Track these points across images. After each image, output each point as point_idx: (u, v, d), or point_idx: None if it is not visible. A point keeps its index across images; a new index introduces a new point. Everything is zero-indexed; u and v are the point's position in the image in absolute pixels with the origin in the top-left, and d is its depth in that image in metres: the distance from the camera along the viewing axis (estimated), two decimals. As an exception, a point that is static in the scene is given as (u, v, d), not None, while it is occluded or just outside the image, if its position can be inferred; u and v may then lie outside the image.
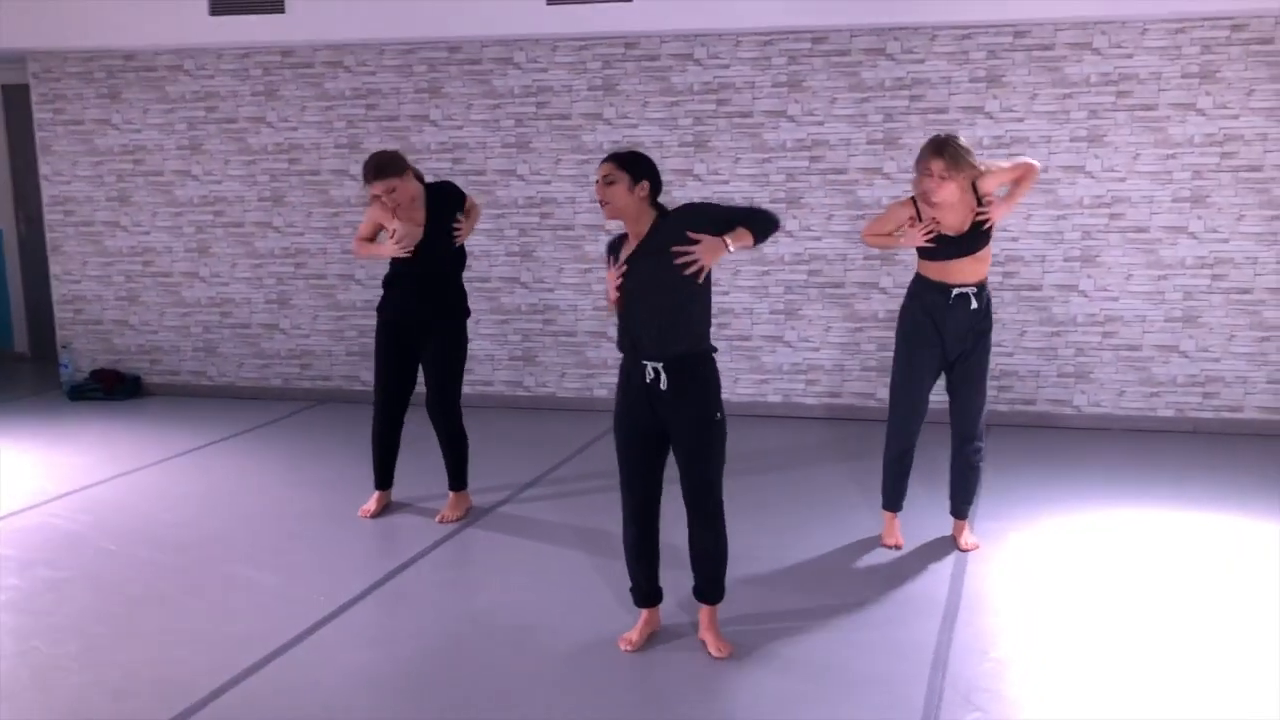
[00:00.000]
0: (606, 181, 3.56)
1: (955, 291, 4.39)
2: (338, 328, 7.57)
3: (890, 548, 4.64)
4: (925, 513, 4.91)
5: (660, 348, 3.54)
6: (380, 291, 5.08)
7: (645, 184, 3.56)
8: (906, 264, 6.45)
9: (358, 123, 7.27)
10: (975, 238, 4.38)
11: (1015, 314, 6.50)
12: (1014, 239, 6.44)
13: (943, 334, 4.42)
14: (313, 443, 6.55)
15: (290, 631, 3.93)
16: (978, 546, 4.61)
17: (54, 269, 7.99)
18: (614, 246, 3.69)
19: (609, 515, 5.09)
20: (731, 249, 3.49)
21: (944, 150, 4.26)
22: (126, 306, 7.91)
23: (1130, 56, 6.15)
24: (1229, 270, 6.22)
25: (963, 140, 4.36)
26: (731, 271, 6.83)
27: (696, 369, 3.57)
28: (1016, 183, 4.50)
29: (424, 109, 7.16)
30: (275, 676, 3.62)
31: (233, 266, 7.68)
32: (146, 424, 7.07)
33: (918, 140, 6.40)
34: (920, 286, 4.47)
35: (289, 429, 6.91)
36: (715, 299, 6.71)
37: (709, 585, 3.73)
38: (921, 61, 6.40)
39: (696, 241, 3.46)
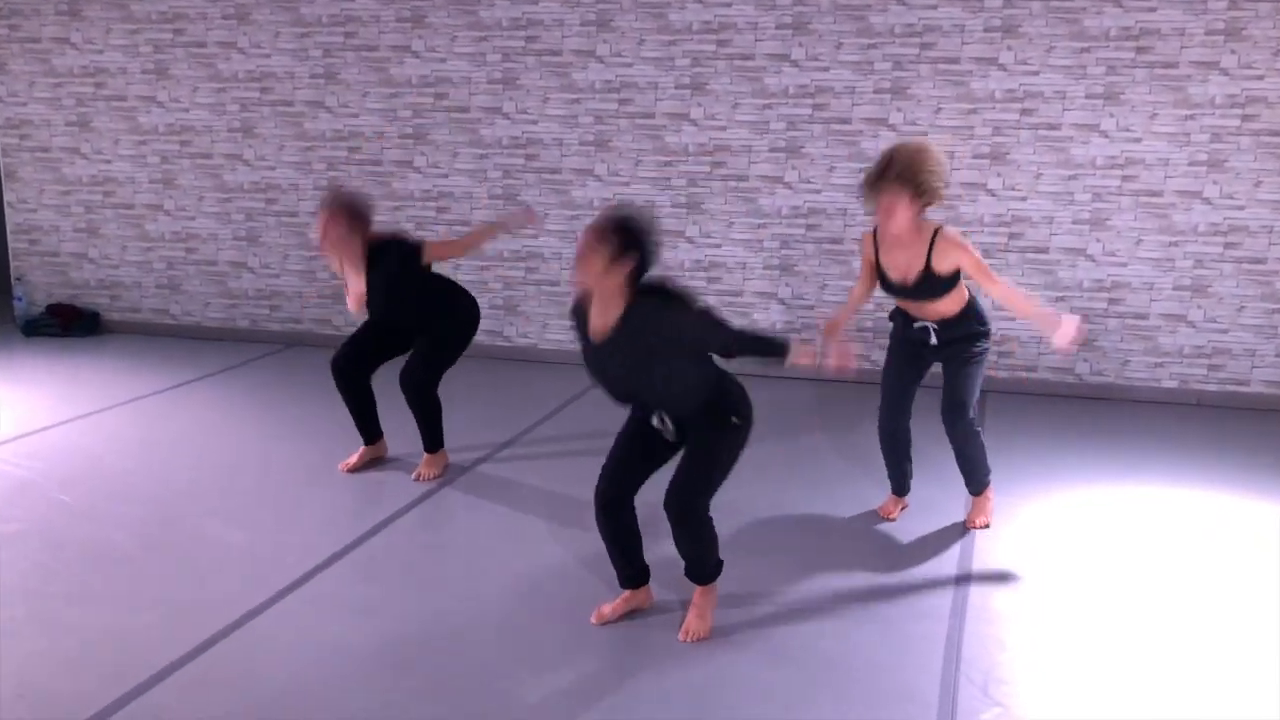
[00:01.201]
0: (588, 248, 3.11)
1: (916, 324, 4.12)
2: (309, 268, 7.21)
3: (883, 517, 4.43)
4: (942, 489, 4.69)
5: (663, 408, 3.34)
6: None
7: (630, 261, 3.12)
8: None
9: (335, 51, 6.86)
10: (920, 288, 3.96)
11: (1020, 277, 6.25)
12: (1022, 198, 6.18)
13: (917, 346, 4.18)
14: (283, 389, 6.23)
15: (258, 596, 3.65)
16: (984, 525, 4.37)
17: (8, 196, 7.56)
18: (578, 312, 3.33)
19: (591, 478, 4.87)
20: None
21: (890, 165, 3.72)
22: (86, 239, 7.51)
23: (1154, 10, 5.86)
24: (1243, 239, 6.00)
25: (931, 150, 3.80)
26: (725, 223, 6.54)
27: (703, 416, 3.32)
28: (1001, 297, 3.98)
29: (405, 39, 6.75)
30: (241, 646, 3.34)
31: (199, 200, 7.28)
32: (105, 364, 6.72)
33: (927, 92, 6.14)
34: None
35: (257, 373, 6.58)
36: (707, 252, 6.42)
37: (691, 569, 3.49)
38: (934, 8, 6.08)
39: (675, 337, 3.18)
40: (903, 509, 4.49)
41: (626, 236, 3.12)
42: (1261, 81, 5.82)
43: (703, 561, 3.44)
